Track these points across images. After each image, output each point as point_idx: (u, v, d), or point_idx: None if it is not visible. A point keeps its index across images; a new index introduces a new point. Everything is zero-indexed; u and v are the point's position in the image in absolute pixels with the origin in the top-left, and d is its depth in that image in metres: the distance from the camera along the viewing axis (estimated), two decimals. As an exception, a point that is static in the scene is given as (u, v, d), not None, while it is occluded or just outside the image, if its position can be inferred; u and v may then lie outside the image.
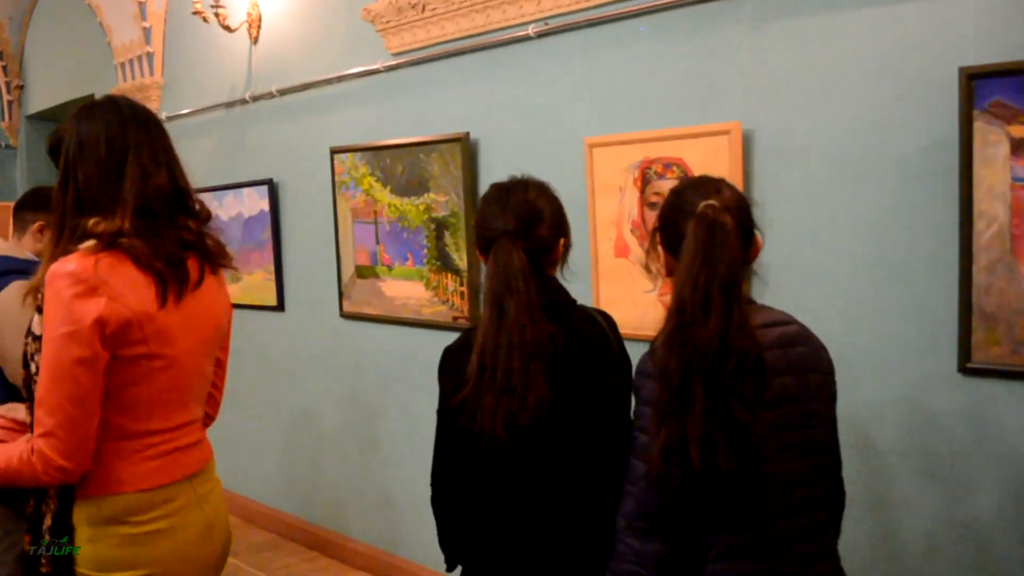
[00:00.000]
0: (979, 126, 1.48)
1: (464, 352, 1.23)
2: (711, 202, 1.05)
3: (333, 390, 3.01)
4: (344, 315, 2.89)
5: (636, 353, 1.22)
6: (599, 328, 1.25)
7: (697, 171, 1.88)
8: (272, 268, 3.19)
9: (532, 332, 1.16)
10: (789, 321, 1.12)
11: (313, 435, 3.15)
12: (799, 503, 1.07)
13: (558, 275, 1.30)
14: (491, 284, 1.19)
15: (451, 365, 1.28)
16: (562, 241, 1.29)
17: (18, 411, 1.30)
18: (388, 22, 2.56)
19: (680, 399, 1.01)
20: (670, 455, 1.01)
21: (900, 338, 1.64)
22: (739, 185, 1.78)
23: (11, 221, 1.85)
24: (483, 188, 2.37)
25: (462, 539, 1.31)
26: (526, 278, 1.18)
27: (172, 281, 1.20)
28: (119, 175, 1.18)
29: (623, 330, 1.30)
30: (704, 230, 1.03)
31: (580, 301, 1.30)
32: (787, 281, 1.77)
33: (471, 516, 1.28)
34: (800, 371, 1.08)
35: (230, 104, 3.31)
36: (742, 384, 1.00)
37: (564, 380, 1.19)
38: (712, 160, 1.85)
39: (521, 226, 1.22)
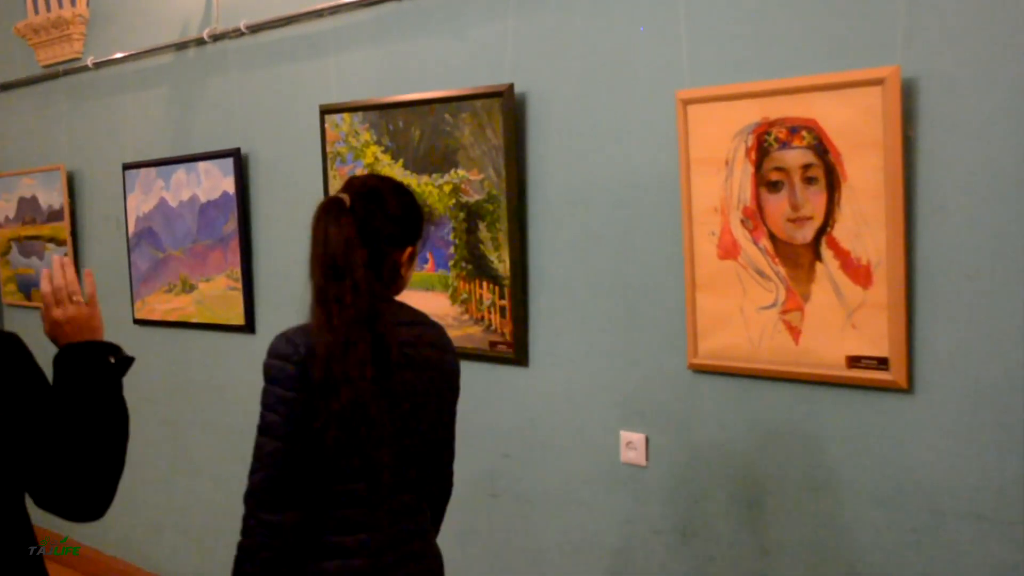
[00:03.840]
0: None
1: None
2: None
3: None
4: (338, 339, 2.97)
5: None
6: None
7: (836, 136, 1.92)
8: (238, 273, 3.23)
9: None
10: (429, 324, 1.79)
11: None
12: (407, 484, 1.72)
13: None
14: None
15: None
16: None
17: None
18: (401, -69, 2.62)
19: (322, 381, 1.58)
20: (298, 433, 1.60)
21: None
22: (896, 154, 1.82)
23: None
24: (533, 161, 2.49)
25: None
26: None
27: None
28: None
29: (731, 361, 1.26)
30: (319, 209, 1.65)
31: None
32: (967, 294, 1.81)
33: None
34: (426, 370, 1.73)
35: (181, 45, 3.40)
36: (370, 370, 1.60)
37: None
38: (859, 120, 1.87)
39: None
